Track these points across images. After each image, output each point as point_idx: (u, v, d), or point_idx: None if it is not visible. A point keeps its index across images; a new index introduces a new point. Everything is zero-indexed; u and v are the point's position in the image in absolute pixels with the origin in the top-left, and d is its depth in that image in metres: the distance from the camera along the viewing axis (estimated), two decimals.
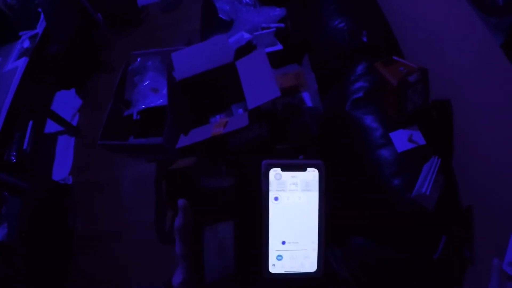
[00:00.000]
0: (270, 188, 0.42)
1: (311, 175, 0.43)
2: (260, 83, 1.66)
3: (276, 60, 1.90)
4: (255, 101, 1.61)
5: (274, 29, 2.03)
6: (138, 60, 2.22)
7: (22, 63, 2.71)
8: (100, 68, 3.49)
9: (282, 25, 2.07)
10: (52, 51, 3.08)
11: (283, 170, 0.43)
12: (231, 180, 0.44)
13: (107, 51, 3.63)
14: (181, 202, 0.42)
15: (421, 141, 1.48)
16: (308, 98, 1.95)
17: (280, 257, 0.43)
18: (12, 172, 2.54)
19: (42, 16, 2.95)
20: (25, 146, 2.71)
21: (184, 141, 1.60)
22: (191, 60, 1.83)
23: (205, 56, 1.83)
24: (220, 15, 2.53)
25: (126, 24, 3.71)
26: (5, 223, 2.50)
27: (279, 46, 2.02)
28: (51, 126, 3.08)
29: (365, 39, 1.81)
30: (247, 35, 2.02)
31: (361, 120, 1.66)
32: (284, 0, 2.28)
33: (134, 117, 2.24)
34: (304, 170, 0.43)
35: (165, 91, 2.11)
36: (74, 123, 3.21)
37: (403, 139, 1.53)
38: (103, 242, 2.67)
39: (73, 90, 3.36)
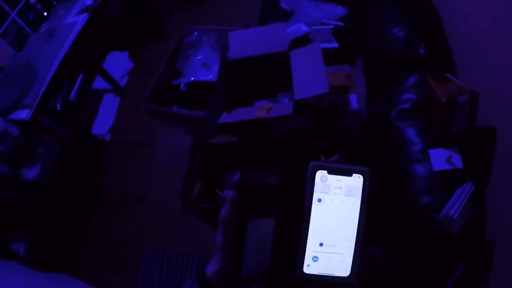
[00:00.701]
0: (315, 189, 0.43)
1: (356, 181, 0.44)
2: (310, 77, 1.69)
3: (329, 58, 1.91)
4: (303, 93, 1.64)
5: (332, 26, 2.05)
6: (195, 34, 2.28)
7: (82, 18, 2.84)
8: (155, 36, 3.59)
9: (341, 23, 2.08)
10: (111, 13, 3.20)
11: (329, 173, 0.44)
12: (278, 178, 0.45)
13: (164, 21, 3.72)
14: (230, 193, 0.43)
15: (459, 164, 1.47)
16: (354, 101, 1.96)
17: (316, 258, 0.43)
18: (55, 118, 2.67)
19: None
20: (71, 97, 2.84)
21: (226, 118, 1.66)
22: (246, 42, 1.88)
23: (261, 40, 1.87)
24: (281, 4, 2.56)
25: None
26: (38, 164, 2.63)
27: (334, 44, 2.04)
28: (99, 83, 3.22)
29: (421, 51, 1.80)
30: (305, 28, 2.04)
31: (402, 131, 1.66)
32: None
33: (182, 87, 2.31)
34: (350, 175, 0.44)
35: (215, 68, 2.17)
36: (122, 84, 3.33)
37: (441, 159, 1.52)
38: (127, 203, 2.80)
39: (126, 52, 3.49)
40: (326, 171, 0.43)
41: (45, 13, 3.08)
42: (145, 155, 2.96)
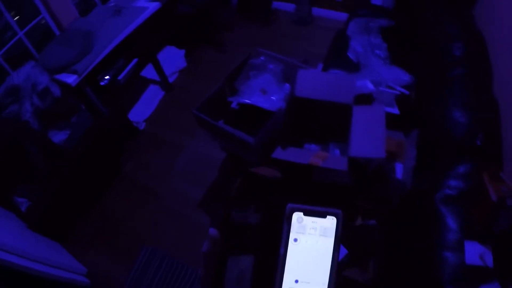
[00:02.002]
0: (292, 229, 0.46)
1: (330, 222, 0.47)
2: (369, 137, 1.72)
3: (386, 122, 1.96)
4: (359, 151, 1.67)
5: (398, 92, 2.09)
6: (261, 58, 2.34)
7: (153, 6, 2.94)
8: (214, 44, 3.67)
9: (407, 92, 2.12)
10: (181, 10, 3.29)
11: (305, 214, 0.47)
12: (258, 218, 0.48)
13: (225, 32, 3.82)
14: (212, 231, 0.46)
15: (490, 263, 1.48)
16: (400, 170, 1.98)
17: None
18: (97, 92, 2.73)
19: None
20: (120, 77, 2.90)
21: (281, 154, 1.68)
22: (314, 83, 1.91)
23: (328, 85, 1.90)
24: (348, 53, 2.63)
25: (253, 17, 3.89)
26: (68, 130, 2.67)
27: (395, 110, 2.07)
28: (149, 72, 3.27)
29: (479, 142, 1.83)
30: (371, 86, 2.09)
31: (443, 216, 1.67)
32: (415, 67, 2.35)
33: (233, 105, 2.35)
34: (324, 217, 0.47)
35: (273, 97, 2.22)
36: (170, 80, 3.39)
37: (475, 253, 1.53)
38: (142, 195, 2.82)
39: (183, 51, 3.56)
40: (302, 213, 0.46)
41: None
42: (171, 154, 3.00)
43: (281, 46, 3.53)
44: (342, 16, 3.64)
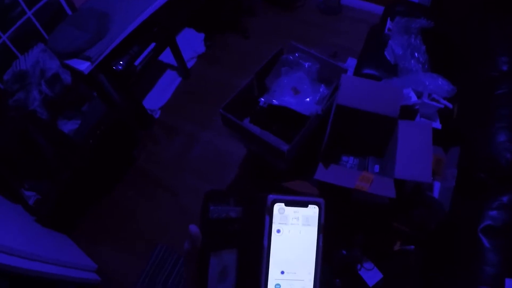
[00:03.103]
0: (274, 221, 0.46)
1: (312, 211, 0.46)
2: (415, 158, 1.62)
3: None
4: (405, 173, 1.57)
5: (442, 106, 1.98)
6: (296, 54, 2.20)
7: None
8: (236, 30, 3.51)
9: (450, 105, 2.00)
10: None
11: (286, 205, 0.46)
12: (239, 211, 0.47)
13: (249, 18, 3.64)
14: (192, 227, 0.46)
15: None
16: (437, 189, 1.89)
17: (278, 286, 0.46)
18: (112, 79, 2.58)
19: None
20: (136, 63, 2.73)
21: (324, 175, 1.55)
22: (357, 91, 1.80)
23: (373, 95, 1.78)
24: (385, 53, 2.49)
25: (279, 3, 3.70)
26: (78, 120, 2.53)
27: (437, 125, 1.96)
28: (165, 56, 3.11)
29: None
30: (414, 97, 1.97)
31: (484, 249, 1.61)
32: (455, 74, 2.24)
33: (261, 103, 2.23)
34: (306, 206, 0.46)
35: (307, 99, 2.10)
36: (189, 65, 3.24)
37: None
38: (155, 190, 2.73)
39: (202, 35, 3.39)
40: (283, 204, 0.46)
41: None
42: (187, 146, 2.88)
43: (306, 35, 3.37)
44: (373, 7, 3.47)
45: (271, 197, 0.46)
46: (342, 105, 1.76)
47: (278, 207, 0.46)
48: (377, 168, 1.81)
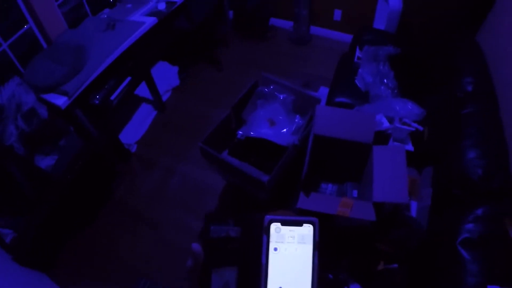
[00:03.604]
0: (271, 239, 0.48)
1: (307, 230, 0.49)
2: (391, 180, 1.69)
3: None
4: (382, 196, 1.64)
5: (413, 129, 2.08)
6: (271, 87, 2.28)
7: (150, 21, 2.84)
8: (209, 61, 3.59)
9: (421, 128, 2.11)
10: (178, 25, 3.19)
11: (282, 224, 0.49)
12: (238, 231, 0.50)
13: (222, 48, 3.74)
14: (195, 246, 0.49)
15: None
16: (414, 209, 1.97)
17: None
18: (88, 113, 2.58)
19: None
20: (112, 97, 2.76)
21: (306, 204, 1.60)
22: (333, 120, 1.87)
23: (347, 124, 1.86)
24: (356, 81, 2.60)
25: (250, 34, 3.83)
26: (55, 155, 2.50)
27: (410, 147, 2.06)
28: (141, 90, 3.15)
29: (496, 184, 1.84)
30: (386, 123, 2.06)
31: (464, 260, 1.67)
32: (423, 97, 2.36)
33: (239, 136, 2.29)
34: (301, 225, 0.49)
35: (283, 130, 2.16)
36: (164, 98, 3.28)
37: None
38: (133, 224, 2.70)
39: (176, 68, 3.45)
40: (279, 223, 0.49)
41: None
42: (165, 178, 2.88)
43: (278, 66, 3.48)
44: (341, 36, 3.64)
45: (268, 217, 0.49)
46: (319, 135, 1.83)
47: (275, 227, 0.49)
48: (355, 193, 1.88)
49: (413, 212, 2.01)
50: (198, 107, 3.24)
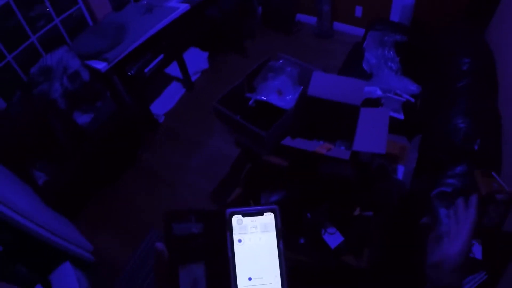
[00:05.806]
0: (234, 232, 0.50)
1: (268, 218, 0.51)
2: (373, 135, 1.92)
3: (391, 126, 2.16)
4: (362, 146, 1.87)
5: (404, 100, 2.30)
6: (280, 61, 2.58)
7: (183, 7, 3.25)
8: (237, 50, 3.96)
9: (412, 100, 2.33)
10: (209, 13, 3.57)
11: (243, 216, 0.51)
12: (200, 227, 0.51)
13: (249, 40, 4.10)
14: (158, 244, 0.49)
15: (479, 255, 1.65)
16: (401, 172, 2.17)
17: None
18: (124, 81, 2.99)
19: None
20: (146, 70, 3.17)
21: (289, 142, 1.90)
22: (326, 85, 2.14)
23: (339, 88, 2.12)
24: (363, 65, 2.86)
25: (277, 27, 4.16)
26: (92, 114, 2.88)
27: (401, 116, 2.28)
28: (173, 70, 3.56)
29: (476, 147, 2.02)
30: (379, 92, 2.30)
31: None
32: (424, 78, 2.57)
33: (251, 102, 2.59)
34: (262, 214, 0.51)
35: (288, 97, 2.45)
36: (193, 79, 3.67)
37: None
38: (155, 183, 3.07)
39: (206, 53, 3.85)
40: (240, 215, 0.51)
41: None
42: (187, 149, 3.24)
43: (301, 57, 3.72)
44: (362, 31, 3.87)
45: (228, 210, 0.50)
46: (312, 96, 2.10)
47: (236, 219, 0.50)
48: (343, 148, 2.12)
49: (400, 175, 2.22)
50: (223, 89, 3.58)
